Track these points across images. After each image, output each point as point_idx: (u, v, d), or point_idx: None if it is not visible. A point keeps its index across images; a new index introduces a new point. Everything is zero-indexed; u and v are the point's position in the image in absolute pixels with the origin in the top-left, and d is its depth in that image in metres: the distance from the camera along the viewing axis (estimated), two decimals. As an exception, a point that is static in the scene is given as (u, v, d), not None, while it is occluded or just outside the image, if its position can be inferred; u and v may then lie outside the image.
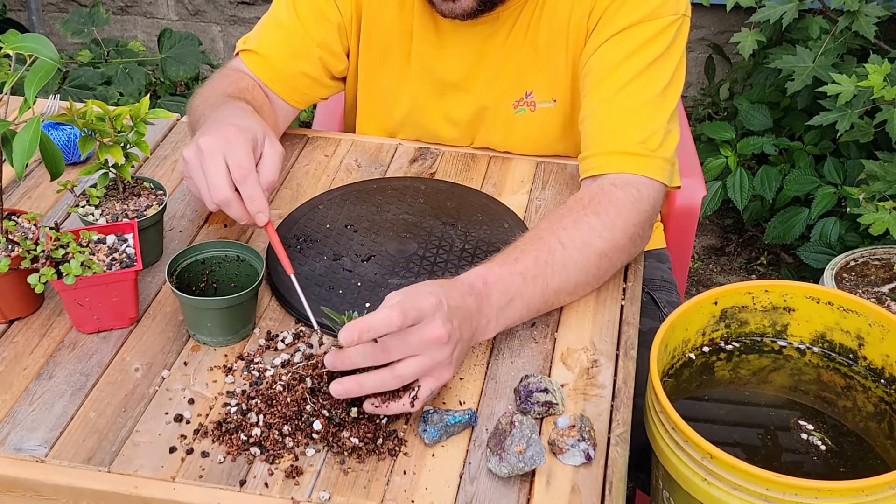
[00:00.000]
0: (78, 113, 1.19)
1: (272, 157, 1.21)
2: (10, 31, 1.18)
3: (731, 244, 2.89)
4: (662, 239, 1.71)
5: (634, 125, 1.33)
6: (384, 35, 1.50)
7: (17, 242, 1.14)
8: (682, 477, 1.03)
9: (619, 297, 1.25)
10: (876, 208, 2.16)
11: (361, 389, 1.02)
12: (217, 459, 1.02)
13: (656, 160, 1.31)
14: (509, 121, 1.50)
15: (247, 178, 1.15)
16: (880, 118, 2.22)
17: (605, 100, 1.36)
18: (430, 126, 1.54)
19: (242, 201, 1.17)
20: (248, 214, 1.17)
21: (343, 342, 0.99)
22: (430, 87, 1.51)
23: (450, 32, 1.46)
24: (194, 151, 1.18)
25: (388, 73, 1.53)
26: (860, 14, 2.36)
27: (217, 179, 1.16)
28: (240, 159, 1.16)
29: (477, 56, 1.47)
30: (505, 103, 1.50)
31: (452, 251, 1.30)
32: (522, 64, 1.47)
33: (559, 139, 1.51)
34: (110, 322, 1.17)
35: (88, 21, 2.92)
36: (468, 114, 1.52)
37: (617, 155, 1.31)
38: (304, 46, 1.48)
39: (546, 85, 1.48)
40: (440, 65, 1.49)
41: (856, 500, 0.96)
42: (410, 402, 1.02)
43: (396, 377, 1.01)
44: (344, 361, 1.02)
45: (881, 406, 1.17)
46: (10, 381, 1.11)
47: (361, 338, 0.98)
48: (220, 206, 1.17)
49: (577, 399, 1.10)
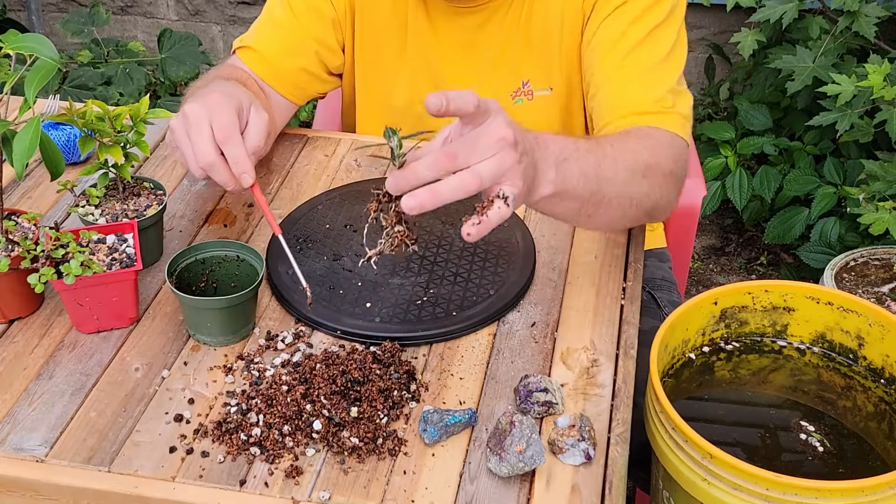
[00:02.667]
0: (78, 113, 1.19)
1: (257, 123, 1.20)
2: (10, 31, 1.18)
3: (731, 244, 2.89)
4: (663, 238, 1.71)
5: (645, 87, 1.33)
6: (379, 28, 1.51)
7: (17, 242, 1.14)
8: (682, 477, 1.03)
9: (619, 297, 1.25)
10: (876, 208, 2.16)
11: (437, 197, 0.95)
12: (217, 459, 1.02)
13: (674, 115, 1.31)
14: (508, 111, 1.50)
15: (230, 140, 1.15)
16: (880, 118, 2.22)
17: (612, 70, 1.36)
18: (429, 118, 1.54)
19: (228, 165, 1.16)
20: (233, 178, 1.16)
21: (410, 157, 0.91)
22: (426, 78, 1.52)
23: (443, 22, 1.47)
24: (180, 119, 1.18)
25: (384, 65, 1.53)
26: (860, 14, 2.36)
27: (202, 143, 1.15)
28: (223, 122, 1.16)
29: (471, 45, 1.48)
30: (503, 93, 1.50)
31: (452, 250, 1.30)
32: (517, 53, 1.47)
33: (560, 128, 1.52)
34: (110, 322, 1.17)
35: (88, 21, 2.92)
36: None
37: (635, 115, 1.31)
38: (299, 42, 1.48)
39: (541, 73, 1.48)
40: (436, 55, 1.50)
41: (856, 500, 0.96)
42: (505, 203, 0.96)
43: (475, 175, 0.94)
44: (408, 178, 0.95)
45: (881, 406, 1.17)
46: (10, 381, 1.11)
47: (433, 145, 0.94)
48: (205, 170, 1.16)
49: (577, 399, 1.10)
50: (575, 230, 1.36)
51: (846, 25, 2.39)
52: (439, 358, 1.15)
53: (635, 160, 1.20)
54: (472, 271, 1.26)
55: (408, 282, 1.24)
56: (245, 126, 1.20)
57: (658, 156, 1.24)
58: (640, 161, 1.21)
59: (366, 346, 1.15)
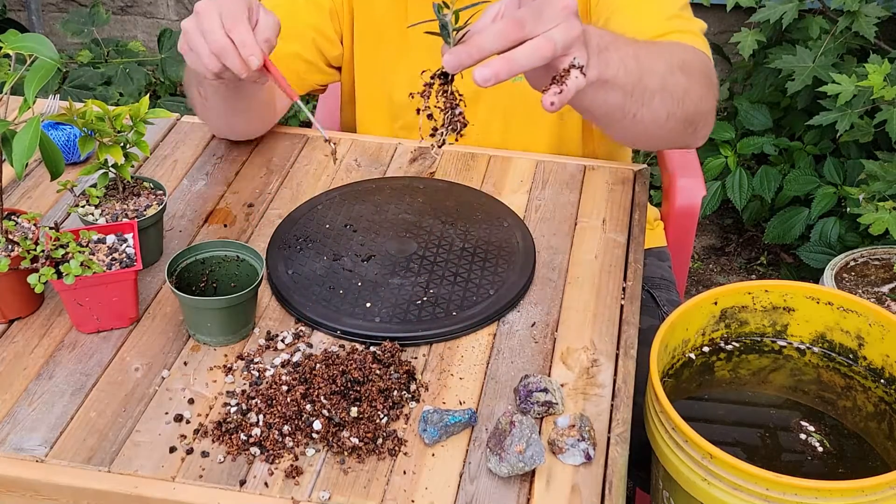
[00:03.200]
0: (78, 113, 1.19)
1: (266, 18, 1.21)
2: (10, 31, 1.18)
3: (731, 244, 2.89)
4: (663, 237, 1.71)
5: (656, 11, 1.34)
6: (379, 20, 1.51)
7: (16, 242, 1.14)
8: (682, 477, 1.03)
9: (619, 297, 1.25)
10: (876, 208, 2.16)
11: (512, 65, 0.93)
12: (217, 459, 1.02)
13: (693, 33, 1.33)
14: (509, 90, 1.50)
15: (237, 26, 1.16)
16: (880, 118, 2.22)
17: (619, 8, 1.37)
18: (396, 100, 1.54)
19: (238, 50, 1.17)
20: (244, 63, 1.17)
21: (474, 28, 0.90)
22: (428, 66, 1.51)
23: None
24: (192, 16, 1.19)
25: (384, 58, 1.53)
26: (860, 14, 2.36)
27: (213, 31, 1.16)
28: (231, 10, 1.17)
29: None
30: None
31: (452, 250, 1.30)
32: None
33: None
34: (110, 322, 1.17)
35: (88, 21, 2.92)
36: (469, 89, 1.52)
37: (655, 37, 1.30)
38: (297, 29, 1.49)
39: None
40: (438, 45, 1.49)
41: (856, 500, 0.96)
42: (581, 72, 0.95)
43: (549, 41, 0.93)
44: (472, 52, 0.94)
45: (881, 406, 1.17)
46: (10, 381, 1.11)
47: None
48: (217, 55, 1.17)
49: (577, 399, 1.10)
50: (575, 230, 1.36)
51: (846, 25, 2.39)
52: (439, 358, 1.15)
53: (671, 55, 1.20)
54: (472, 271, 1.26)
55: (408, 282, 1.24)
56: (255, 22, 1.21)
57: (691, 57, 1.24)
58: (675, 56, 1.20)
59: (366, 346, 1.15)
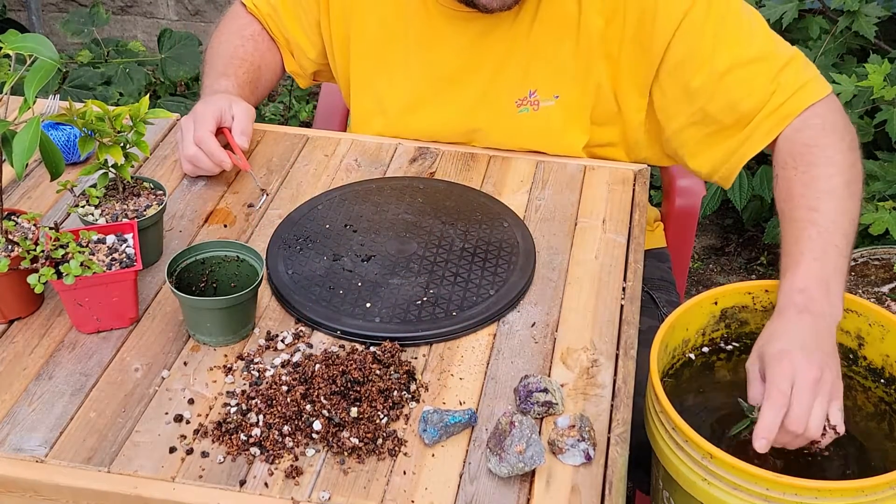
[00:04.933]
0: (77, 113, 1.19)
1: (241, 115, 1.47)
2: (10, 31, 1.18)
3: (731, 244, 2.89)
4: (662, 238, 1.71)
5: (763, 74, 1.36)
6: (378, 34, 1.51)
7: (16, 242, 1.14)
8: (682, 477, 1.03)
9: (619, 297, 1.25)
10: (876, 208, 2.16)
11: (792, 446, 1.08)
12: (217, 459, 1.02)
13: (812, 85, 1.35)
14: (512, 119, 1.50)
15: (203, 141, 1.42)
16: (880, 118, 2.22)
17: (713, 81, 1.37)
18: (429, 124, 1.54)
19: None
20: (216, 165, 1.43)
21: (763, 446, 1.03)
22: (427, 83, 1.51)
23: (447, 28, 1.46)
24: (183, 120, 1.47)
25: (383, 71, 1.53)
26: (860, 14, 2.36)
27: (187, 144, 1.44)
28: (203, 122, 1.43)
29: (476, 51, 1.47)
30: (507, 100, 1.49)
31: (452, 250, 1.30)
32: (524, 60, 1.46)
33: (560, 137, 1.51)
34: (110, 322, 1.17)
35: (88, 21, 2.92)
36: (468, 110, 1.52)
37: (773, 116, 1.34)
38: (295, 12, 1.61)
39: (550, 81, 1.47)
40: (438, 59, 1.49)
41: (856, 500, 0.96)
42: (835, 432, 1.06)
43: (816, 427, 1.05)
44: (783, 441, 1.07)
45: (881, 406, 1.17)
46: (10, 381, 1.11)
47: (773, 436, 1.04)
48: (190, 160, 1.43)
49: (577, 399, 1.10)
50: (575, 230, 1.36)
51: (846, 25, 2.39)
52: (439, 358, 1.15)
53: (838, 194, 1.24)
54: (472, 271, 1.26)
55: (408, 282, 1.24)
56: (232, 119, 1.47)
57: (837, 159, 1.28)
58: (838, 187, 1.25)
59: (366, 346, 1.15)
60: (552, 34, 1.44)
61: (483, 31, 1.46)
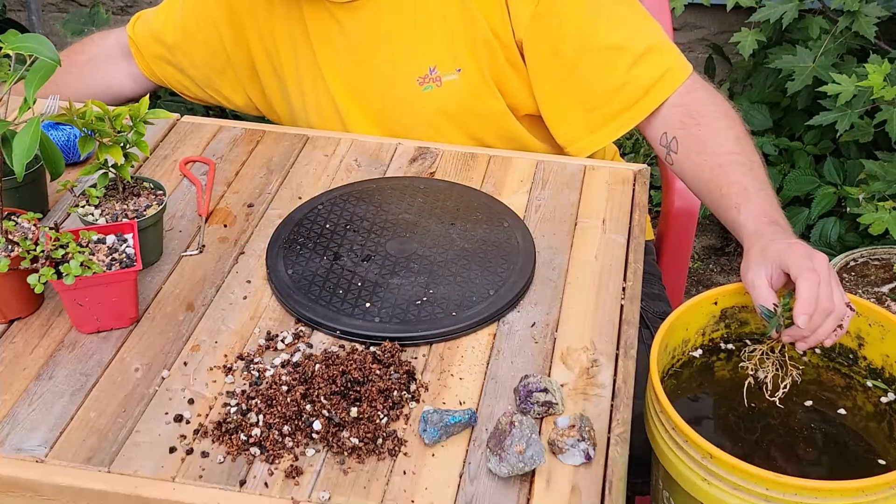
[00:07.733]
0: (77, 113, 1.19)
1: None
2: (10, 31, 1.18)
3: (731, 244, 2.89)
4: (650, 231, 1.70)
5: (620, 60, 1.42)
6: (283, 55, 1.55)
7: (16, 242, 1.14)
8: (682, 477, 1.03)
9: (619, 297, 1.25)
10: (876, 208, 2.16)
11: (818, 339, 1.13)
12: (217, 459, 1.02)
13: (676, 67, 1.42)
14: (417, 99, 1.50)
15: None
16: (880, 118, 2.22)
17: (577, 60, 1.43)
18: (348, 123, 1.57)
19: None
20: None
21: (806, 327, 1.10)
22: (338, 83, 1.54)
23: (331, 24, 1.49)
24: None
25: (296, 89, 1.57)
26: (860, 14, 2.36)
27: None
28: None
29: (368, 39, 1.49)
30: (410, 81, 1.49)
31: (452, 250, 1.30)
32: (415, 38, 1.47)
33: (469, 114, 1.52)
34: (110, 322, 1.17)
35: (88, 21, 2.92)
36: (377, 100, 1.53)
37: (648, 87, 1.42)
38: None
39: (447, 55, 1.47)
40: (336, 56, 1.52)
41: (856, 500, 0.96)
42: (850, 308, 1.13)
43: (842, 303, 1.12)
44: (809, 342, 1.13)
45: (881, 406, 1.17)
46: (10, 381, 1.11)
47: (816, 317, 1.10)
48: None
49: (577, 399, 1.10)
50: (575, 230, 1.36)
51: (846, 25, 2.39)
52: (439, 358, 1.15)
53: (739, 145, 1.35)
54: (471, 271, 1.26)
55: (408, 282, 1.24)
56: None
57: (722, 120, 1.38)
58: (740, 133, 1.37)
59: (366, 346, 1.15)
60: (436, 9, 1.45)
61: (362, 19, 1.47)
